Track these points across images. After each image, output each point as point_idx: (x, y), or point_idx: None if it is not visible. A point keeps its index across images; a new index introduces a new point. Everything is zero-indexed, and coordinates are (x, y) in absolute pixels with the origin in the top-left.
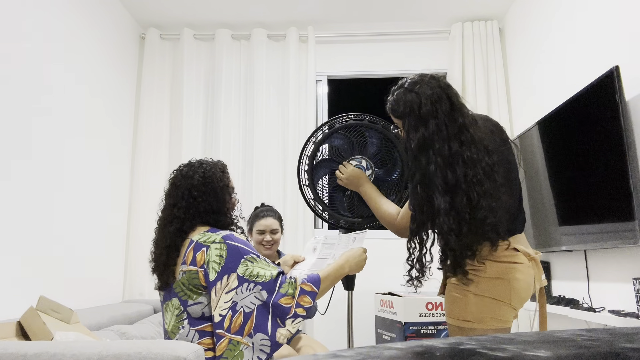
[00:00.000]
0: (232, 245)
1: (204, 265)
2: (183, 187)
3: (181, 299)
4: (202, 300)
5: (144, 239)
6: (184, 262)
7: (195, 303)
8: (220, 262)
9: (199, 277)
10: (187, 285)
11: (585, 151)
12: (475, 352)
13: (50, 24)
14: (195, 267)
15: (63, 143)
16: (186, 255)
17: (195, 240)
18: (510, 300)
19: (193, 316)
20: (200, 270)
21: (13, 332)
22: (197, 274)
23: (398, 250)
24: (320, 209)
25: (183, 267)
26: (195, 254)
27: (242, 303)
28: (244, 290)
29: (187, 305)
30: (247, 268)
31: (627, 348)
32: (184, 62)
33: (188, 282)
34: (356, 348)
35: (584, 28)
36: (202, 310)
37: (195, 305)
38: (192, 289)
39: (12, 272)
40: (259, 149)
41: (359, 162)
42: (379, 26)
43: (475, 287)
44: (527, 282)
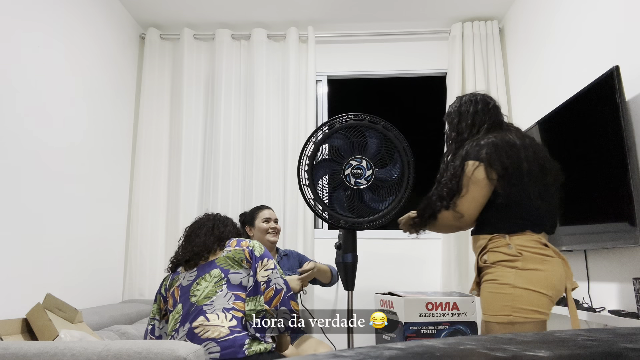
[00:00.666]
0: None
1: (249, 247)
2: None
3: (223, 268)
4: (241, 271)
5: (144, 239)
6: (228, 245)
7: (236, 272)
8: (262, 249)
9: (245, 254)
10: (231, 259)
11: (585, 151)
12: (475, 352)
13: (50, 23)
14: (241, 248)
15: (63, 143)
16: (230, 244)
17: (236, 238)
18: (547, 290)
19: (232, 283)
20: (246, 249)
21: (18, 329)
22: (243, 252)
23: (398, 251)
24: (320, 209)
25: (228, 248)
26: (240, 242)
27: (275, 281)
28: (276, 273)
29: (228, 273)
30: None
31: (627, 348)
32: (184, 62)
33: (233, 256)
34: (356, 348)
35: (584, 28)
36: (240, 279)
37: (235, 274)
38: (236, 261)
39: (12, 272)
40: (259, 149)
41: (359, 162)
42: (379, 26)
43: (514, 279)
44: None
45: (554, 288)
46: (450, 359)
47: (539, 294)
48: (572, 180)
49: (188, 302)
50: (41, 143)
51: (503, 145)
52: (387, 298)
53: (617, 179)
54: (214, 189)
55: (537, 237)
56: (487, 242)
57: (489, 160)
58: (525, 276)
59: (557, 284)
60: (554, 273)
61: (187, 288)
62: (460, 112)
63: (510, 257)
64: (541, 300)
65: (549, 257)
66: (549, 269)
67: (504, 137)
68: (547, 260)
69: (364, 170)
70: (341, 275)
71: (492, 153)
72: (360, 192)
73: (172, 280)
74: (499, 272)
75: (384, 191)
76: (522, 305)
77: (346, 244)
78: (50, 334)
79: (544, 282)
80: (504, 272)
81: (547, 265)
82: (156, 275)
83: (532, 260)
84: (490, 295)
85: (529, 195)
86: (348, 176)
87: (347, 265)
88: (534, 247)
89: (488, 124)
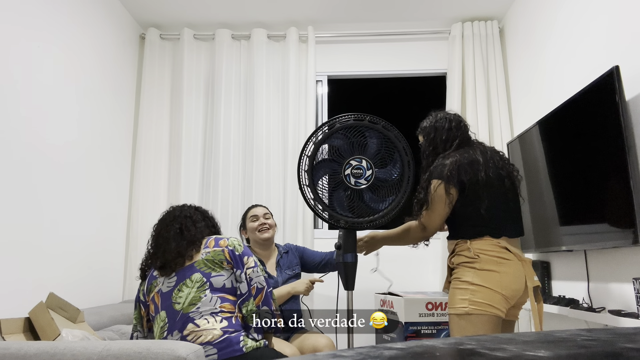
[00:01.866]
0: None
1: (228, 247)
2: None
3: (204, 272)
4: (223, 273)
5: (144, 239)
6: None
7: (218, 275)
8: (242, 247)
9: (225, 254)
10: (211, 261)
11: (585, 151)
12: (475, 352)
13: (50, 24)
14: (220, 248)
15: (63, 143)
16: (207, 244)
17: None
18: (501, 289)
19: (215, 286)
20: (226, 249)
21: (21, 328)
22: (222, 252)
23: (398, 251)
24: (320, 209)
25: (206, 249)
26: (218, 242)
27: (256, 280)
28: (257, 271)
29: (210, 276)
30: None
31: (627, 348)
32: (184, 62)
33: (213, 258)
34: (356, 348)
35: (584, 28)
36: (223, 282)
37: (218, 277)
38: (217, 263)
39: (12, 272)
40: (259, 149)
41: (359, 162)
42: (379, 26)
43: (472, 277)
44: (515, 275)
45: (508, 288)
46: (450, 359)
47: (492, 291)
48: (572, 180)
49: (172, 309)
50: (41, 143)
51: (463, 163)
52: (387, 298)
53: (617, 179)
54: (214, 188)
55: (496, 242)
56: (455, 247)
57: (449, 178)
58: (481, 275)
59: (511, 284)
60: (509, 274)
61: (169, 295)
62: (435, 127)
63: (470, 259)
64: (495, 296)
65: (505, 260)
66: (505, 270)
67: (467, 154)
68: (503, 263)
69: (364, 170)
70: (341, 276)
71: (453, 171)
72: (360, 192)
73: (149, 285)
74: (461, 272)
75: (384, 191)
76: (477, 299)
77: (346, 244)
78: (53, 333)
79: (498, 282)
80: (465, 271)
81: (502, 267)
82: None
83: (488, 262)
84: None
85: (485, 205)
86: (348, 176)
87: (347, 265)
88: (491, 251)
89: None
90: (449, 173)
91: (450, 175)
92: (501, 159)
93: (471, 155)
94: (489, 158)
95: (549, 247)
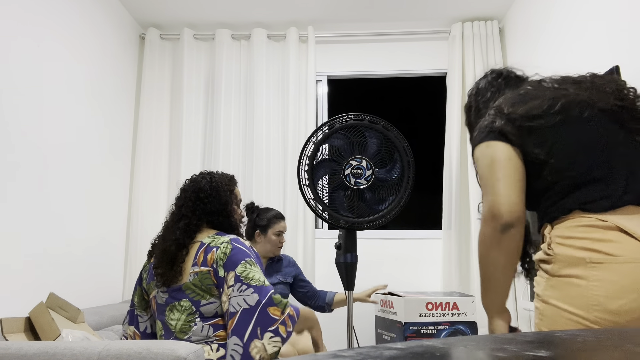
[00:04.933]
0: (236, 247)
1: (214, 264)
2: (190, 191)
3: (193, 299)
4: (214, 300)
5: (144, 239)
6: (195, 263)
7: (209, 303)
8: (224, 259)
9: (211, 276)
10: (199, 287)
11: None
12: (475, 352)
13: (50, 24)
14: (207, 268)
15: (63, 142)
16: (197, 257)
17: (207, 244)
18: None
19: (205, 315)
20: (211, 269)
21: (22, 327)
22: (208, 273)
23: (398, 251)
24: (320, 209)
25: (194, 268)
26: (207, 255)
27: (231, 302)
28: (236, 290)
29: (199, 305)
30: (245, 270)
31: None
32: (184, 62)
33: (200, 282)
34: (356, 348)
35: (584, 28)
36: (215, 310)
37: (208, 305)
38: (205, 289)
39: (12, 272)
40: (259, 149)
41: (359, 162)
42: (379, 26)
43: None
44: (630, 282)
45: (607, 307)
46: (450, 359)
47: (570, 317)
48: None
49: (166, 325)
50: (41, 142)
51: (511, 98)
52: (387, 298)
53: None
54: None
55: (591, 221)
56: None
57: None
58: (556, 286)
59: (616, 298)
60: (611, 282)
61: (162, 309)
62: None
63: (546, 257)
64: (575, 326)
65: (605, 254)
66: (601, 275)
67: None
68: (600, 261)
69: (364, 170)
70: (341, 275)
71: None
72: (360, 192)
73: (150, 281)
74: (536, 278)
75: (384, 191)
76: (545, 327)
77: (346, 244)
78: (53, 333)
79: (583, 298)
80: (538, 278)
81: (598, 269)
82: None
83: (567, 261)
84: None
85: (566, 151)
86: (348, 176)
87: (347, 265)
88: (575, 238)
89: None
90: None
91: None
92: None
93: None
94: (559, 81)
95: None
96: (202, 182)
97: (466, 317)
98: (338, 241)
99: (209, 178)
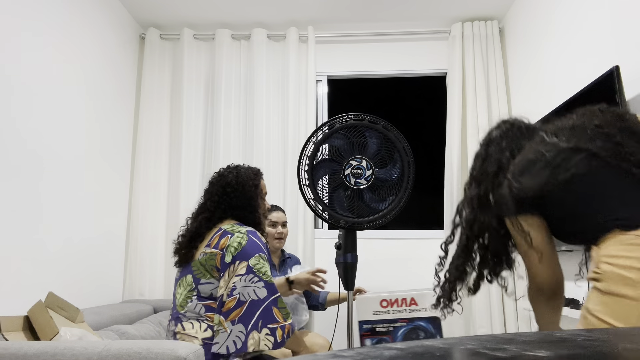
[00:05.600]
0: (252, 239)
1: (224, 249)
2: (217, 185)
3: (195, 276)
4: (212, 281)
5: (144, 239)
6: (208, 244)
7: (207, 282)
8: (238, 248)
9: (216, 259)
10: (204, 265)
11: None
12: (475, 352)
13: (50, 24)
14: (217, 250)
15: (62, 142)
16: (212, 239)
17: (224, 229)
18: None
19: (202, 294)
20: (219, 253)
21: (20, 326)
22: (215, 256)
23: (399, 251)
24: (320, 209)
25: (206, 249)
26: (221, 239)
27: (241, 290)
28: (247, 280)
29: (199, 282)
30: (259, 263)
31: (627, 348)
32: (184, 62)
33: (206, 262)
34: (356, 348)
35: (584, 28)
36: (211, 291)
37: (206, 285)
38: (208, 268)
39: (12, 272)
40: (259, 149)
41: (359, 162)
42: (379, 26)
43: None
44: None
45: None
46: (450, 359)
47: None
48: None
49: (174, 300)
50: (40, 143)
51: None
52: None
53: None
54: None
55: (632, 239)
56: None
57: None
58: (605, 303)
59: None
60: None
61: (175, 284)
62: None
63: (595, 275)
64: None
65: None
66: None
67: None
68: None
69: (364, 170)
70: (341, 275)
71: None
72: (360, 192)
73: None
74: (589, 293)
75: (384, 191)
76: None
77: (346, 244)
78: (51, 331)
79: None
80: (590, 293)
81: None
82: (156, 275)
83: (615, 278)
84: None
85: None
86: (348, 176)
87: (347, 265)
88: (622, 257)
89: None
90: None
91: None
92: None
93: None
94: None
95: None
96: (228, 176)
97: (426, 313)
98: (338, 241)
99: (235, 173)
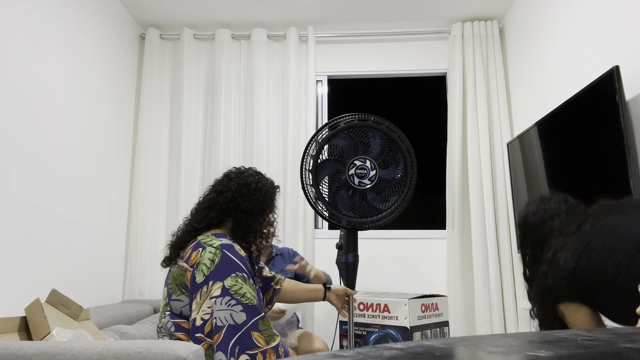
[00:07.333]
0: (227, 256)
1: (194, 266)
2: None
3: (169, 290)
4: (182, 298)
5: (144, 239)
6: (182, 256)
7: (177, 299)
8: (211, 266)
9: (186, 276)
10: (175, 279)
11: (585, 151)
12: (475, 352)
13: (50, 24)
14: (187, 265)
15: (63, 142)
16: (186, 251)
17: (199, 239)
18: None
19: (173, 311)
20: (190, 270)
21: (16, 327)
22: (185, 272)
23: (400, 251)
24: (322, 209)
25: (180, 261)
26: (192, 253)
27: (216, 314)
28: (223, 302)
29: (171, 298)
30: (236, 284)
31: (627, 348)
32: (184, 62)
33: (177, 277)
34: (356, 348)
35: (584, 28)
36: (180, 309)
37: (176, 301)
38: (178, 284)
39: (12, 272)
40: (259, 149)
41: (363, 162)
42: (379, 26)
43: None
44: None
45: None
46: (450, 359)
47: None
48: (572, 180)
49: None
50: (41, 143)
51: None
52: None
53: (617, 179)
54: None
55: None
56: None
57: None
58: None
59: None
60: None
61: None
62: None
63: None
64: None
65: None
66: None
67: None
68: None
69: (368, 171)
70: (342, 275)
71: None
72: (363, 192)
73: None
74: None
75: (387, 191)
76: None
77: (347, 243)
78: (43, 331)
79: None
80: None
81: None
82: (156, 275)
83: None
84: None
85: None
86: (352, 176)
87: (348, 265)
88: None
89: None
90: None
91: None
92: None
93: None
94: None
95: None
96: (249, 177)
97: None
98: (339, 241)
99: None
